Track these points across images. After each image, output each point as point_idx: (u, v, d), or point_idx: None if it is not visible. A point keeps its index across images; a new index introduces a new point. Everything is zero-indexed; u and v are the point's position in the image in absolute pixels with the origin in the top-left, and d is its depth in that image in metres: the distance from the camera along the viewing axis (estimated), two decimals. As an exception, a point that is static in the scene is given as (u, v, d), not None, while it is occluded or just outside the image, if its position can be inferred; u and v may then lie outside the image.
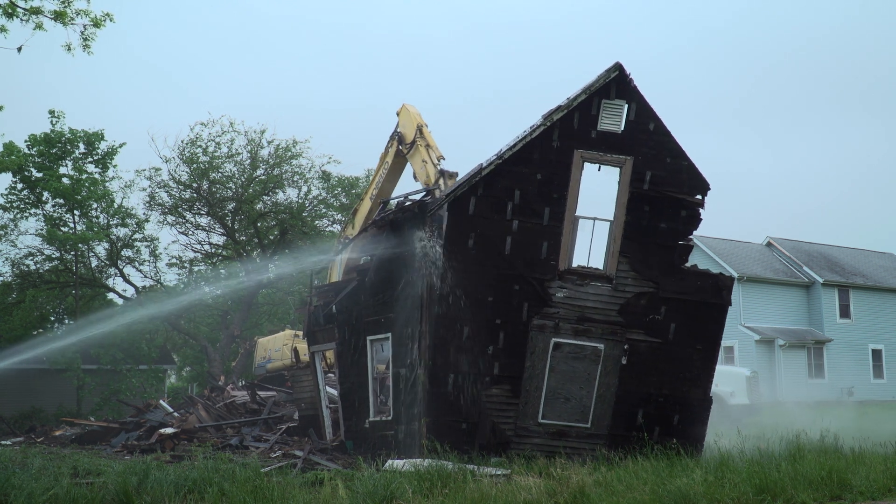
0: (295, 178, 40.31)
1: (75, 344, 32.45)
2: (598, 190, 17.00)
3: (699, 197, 16.96)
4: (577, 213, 16.41)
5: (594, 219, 16.63)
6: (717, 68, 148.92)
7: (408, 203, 18.37)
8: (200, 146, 38.61)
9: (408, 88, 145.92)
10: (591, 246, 17.85)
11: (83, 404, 34.76)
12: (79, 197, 34.47)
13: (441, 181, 18.92)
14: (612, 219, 16.61)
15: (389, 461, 15.22)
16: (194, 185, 39.18)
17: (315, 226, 41.08)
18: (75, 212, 35.48)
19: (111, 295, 40.77)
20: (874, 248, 56.73)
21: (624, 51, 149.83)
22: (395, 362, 17.84)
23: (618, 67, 16.42)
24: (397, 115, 21.75)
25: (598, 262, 16.92)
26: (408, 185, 21.39)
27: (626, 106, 16.59)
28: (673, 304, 16.76)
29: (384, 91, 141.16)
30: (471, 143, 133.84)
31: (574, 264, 16.47)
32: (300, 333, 27.02)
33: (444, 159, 19.81)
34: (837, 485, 12.57)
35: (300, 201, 40.65)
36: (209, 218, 40.85)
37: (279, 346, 35.27)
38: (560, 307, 16.25)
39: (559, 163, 16.20)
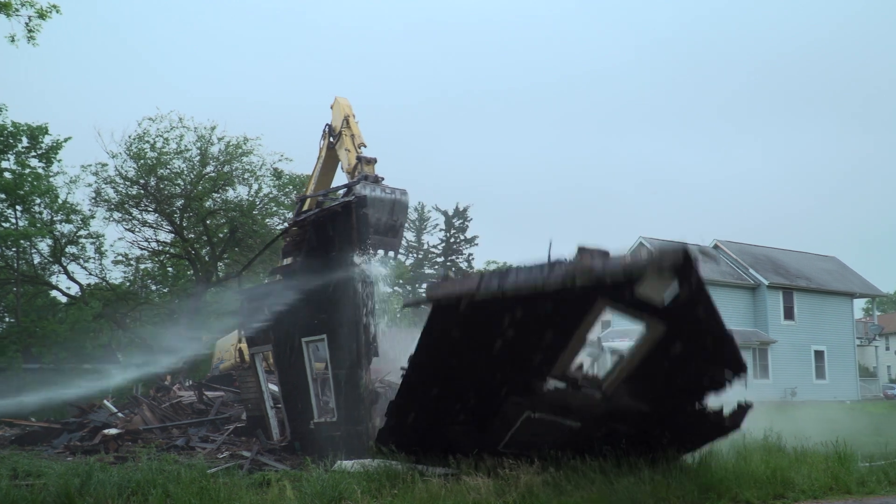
0: (245, 176, 39.88)
1: None
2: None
3: (731, 375, 14.02)
4: (586, 336, 13.66)
5: (604, 344, 14.15)
6: (668, 74, 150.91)
7: (329, 204, 18.07)
8: (148, 142, 38.00)
9: (359, 88, 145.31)
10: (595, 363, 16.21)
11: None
12: (21, 192, 33.67)
13: (359, 167, 18.85)
14: (624, 350, 14.16)
15: (339, 462, 15.08)
16: (141, 181, 38.52)
17: (266, 224, 40.69)
18: (17, 207, 34.64)
19: (54, 293, 39.94)
20: (818, 252, 58.03)
21: (574, 56, 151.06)
22: (334, 364, 17.64)
23: (683, 254, 12.24)
24: (331, 108, 21.75)
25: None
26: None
27: (678, 284, 12.97)
28: (670, 426, 14.57)
29: (339, 89, 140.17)
30: (419, 142, 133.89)
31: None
32: (247, 333, 26.82)
33: (365, 146, 19.67)
34: (781, 483, 12.79)
35: (251, 199, 40.23)
36: (156, 215, 40.22)
37: (228, 346, 34.89)
38: (544, 395, 14.13)
39: (578, 302, 13.09)
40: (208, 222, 40.36)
